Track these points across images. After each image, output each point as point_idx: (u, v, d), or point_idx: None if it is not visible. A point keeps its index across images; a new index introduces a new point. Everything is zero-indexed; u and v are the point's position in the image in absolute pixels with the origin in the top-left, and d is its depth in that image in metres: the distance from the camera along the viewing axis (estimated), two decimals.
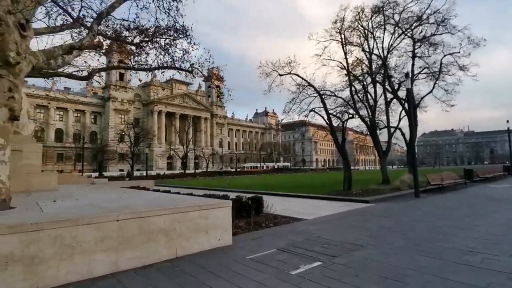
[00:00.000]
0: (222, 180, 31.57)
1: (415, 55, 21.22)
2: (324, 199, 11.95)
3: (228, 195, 8.97)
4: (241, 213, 7.43)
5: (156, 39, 13.40)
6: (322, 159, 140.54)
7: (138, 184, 16.37)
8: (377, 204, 10.22)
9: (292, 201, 12.01)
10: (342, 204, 10.33)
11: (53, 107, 71.39)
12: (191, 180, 35.37)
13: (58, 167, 68.64)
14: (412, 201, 10.93)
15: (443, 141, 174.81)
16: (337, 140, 14.78)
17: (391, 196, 12.00)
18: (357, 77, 19.16)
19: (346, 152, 14.72)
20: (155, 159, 79.48)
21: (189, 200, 5.88)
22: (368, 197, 11.25)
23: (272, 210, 8.40)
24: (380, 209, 9.11)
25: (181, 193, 10.61)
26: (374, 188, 13.89)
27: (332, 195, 12.40)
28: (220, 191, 17.21)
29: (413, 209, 9.04)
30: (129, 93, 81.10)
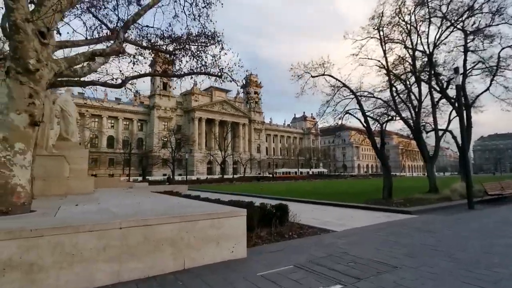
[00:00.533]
0: (257, 185, 31.30)
1: (467, 49, 19.11)
2: (360, 208, 10.99)
3: (254, 201, 8.56)
4: (264, 222, 6.99)
5: (188, 46, 13.68)
6: (364, 165, 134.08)
7: (172, 188, 16.72)
8: (420, 216, 9.07)
9: (325, 209, 11.23)
10: (380, 215, 9.35)
11: (106, 116, 77.67)
12: (227, 185, 35.67)
13: (109, 171, 74.47)
14: (464, 213, 9.53)
15: (504, 145, 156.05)
16: (376, 145, 13.66)
17: (439, 207, 10.64)
18: (398, 77, 17.70)
19: (385, 157, 13.53)
20: (195, 164, 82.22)
21: (206, 207, 5.60)
22: (411, 208, 10.07)
23: (301, 219, 7.82)
24: (424, 222, 8.02)
25: (210, 198, 10.50)
26: (418, 197, 12.51)
27: (370, 204, 11.36)
28: (250, 197, 16.98)
29: (464, 223, 7.80)
30: (171, 101, 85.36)
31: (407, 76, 18.70)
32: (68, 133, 19.12)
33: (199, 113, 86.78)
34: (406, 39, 18.35)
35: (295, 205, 12.78)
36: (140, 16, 8.23)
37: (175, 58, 13.68)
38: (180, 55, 13.85)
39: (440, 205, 10.80)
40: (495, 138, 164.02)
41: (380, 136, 13.44)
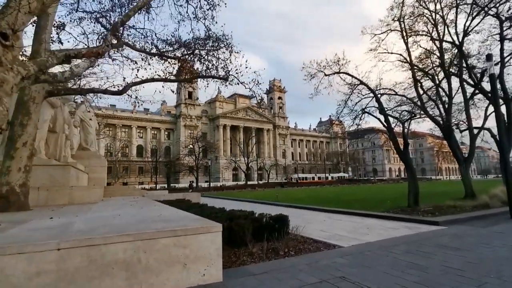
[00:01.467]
0: (276, 191, 30.24)
1: (503, 37, 17.08)
2: (379, 217, 9.77)
3: (263, 210, 7.81)
4: (260, 236, 6.20)
5: (198, 51, 13.37)
6: (396, 169, 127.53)
7: (184, 197, 16.34)
8: (449, 227, 7.75)
9: (340, 219, 10.15)
10: (400, 226, 8.15)
11: (135, 126, 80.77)
12: (248, 191, 35.01)
13: (139, 179, 77.07)
14: (505, 224, 8.03)
15: None
16: (398, 146, 12.30)
17: (474, 216, 9.14)
18: (425, 71, 16.12)
19: (409, 159, 12.11)
20: (221, 171, 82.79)
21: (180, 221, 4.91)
22: (439, 217, 8.72)
23: (307, 231, 6.94)
24: (452, 235, 6.75)
25: (214, 207, 9.93)
26: (450, 204, 10.97)
27: (391, 213, 10.10)
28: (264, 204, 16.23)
29: (503, 237, 6.43)
30: (197, 110, 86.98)
31: (435, 71, 17.04)
32: (87, 142, 19.58)
33: (224, 120, 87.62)
34: (432, 30, 16.78)
35: (308, 213, 11.87)
36: (129, 18, 7.91)
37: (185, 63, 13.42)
38: (190, 60, 13.58)
39: (476, 214, 9.29)
40: None
41: (402, 136, 12.07)
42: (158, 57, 12.86)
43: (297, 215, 11.62)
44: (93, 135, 19.86)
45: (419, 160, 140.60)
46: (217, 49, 13.59)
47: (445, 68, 15.37)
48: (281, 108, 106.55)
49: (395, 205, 12.26)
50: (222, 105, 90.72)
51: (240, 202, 19.81)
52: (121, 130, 78.62)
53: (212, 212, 7.38)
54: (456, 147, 14.59)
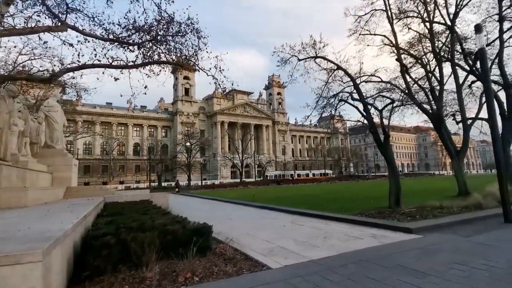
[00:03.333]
0: (253, 191, 28.59)
1: (502, 17, 15.42)
2: (349, 222, 8.29)
3: (214, 213, 6.40)
4: (175, 252, 4.83)
5: (160, 37, 12.01)
6: (399, 164, 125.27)
7: (151, 197, 14.95)
8: (425, 236, 6.26)
9: (303, 223, 8.71)
10: (366, 234, 6.67)
11: (131, 124, 79.73)
12: (237, 189, 33.59)
13: (136, 178, 76.20)
14: (496, 231, 6.50)
15: None
16: (379, 138, 10.77)
17: (459, 220, 7.61)
18: (415, 56, 14.52)
19: (391, 154, 10.58)
20: (219, 168, 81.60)
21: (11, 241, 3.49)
22: (417, 222, 7.23)
23: (250, 241, 5.59)
24: (423, 250, 5.27)
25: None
26: (436, 204, 9.44)
27: (365, 216, 8.61)
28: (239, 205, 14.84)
29: (487, 253, 4.93)
30: (194, 107, 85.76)
31: (427, 58, 15.43)
32: (52, 140, 18.26)
33: (221, 117, 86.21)
34: (423, 11, 15.13)
35: (272, 216, 10.52)
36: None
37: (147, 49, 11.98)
38: (156, 47, 12.16)
39: (462, 218, 7.76)
40: None
41: (381, 126, 10.51)
42: (114, 43, 11.44)
43: (258, 218, 10.26)
44: (60, 132, 18.54)
45: (422, 155, 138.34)
46: (184, 35, 12.24)
47: (436, 52, 13.75)
48: (280, 103, 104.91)
49: (377, 205, 10.77)
50: (219, 101, 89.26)
51: (216, 202, 18.48)
52: (117, 128, 77.61)
53: (124, 224, 5.92)
54: (447, 138, 13.00)
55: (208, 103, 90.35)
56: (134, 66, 10.73)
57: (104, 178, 69.36)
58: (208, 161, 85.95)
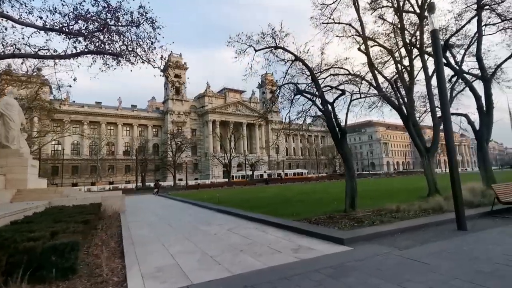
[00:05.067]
0: (217, 192, 27.02)
1: (481, 6, 14.50)
2: (286, 228, 7.34)
3: None
4: (39, 274, 3.86)
5: (113, 27, 11.05)
6: (394, 162, 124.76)
7: (104, 200, 13.96)
8: (357, 248, 5.32)
9: (239, 231, 7.74)
10: (292, 246, 5.73)
11: (121, 123, 78.42)
12: (221, 190, 32.58)
13: (126, 178, 74.86)
14: (446, 241, 5.53)
15: None
16: (336, 134, 9.82)
17: (408, 227, 6.64)
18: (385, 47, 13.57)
19: (347, 152, 9.63)
20: (211, 168, 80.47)
21: None
22: (355, 230, 6.27)
23: (150, 257, 4.63)
24: (345, 265, 4.34)
25: None
26: (393, 208, 8.50)
27: (307, 222, 7.65)
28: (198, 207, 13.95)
29: (416, 271, 3.98)
30: (185, 106, 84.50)
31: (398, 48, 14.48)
32: (8, 139, 17.20)
33: (213, 116, 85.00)
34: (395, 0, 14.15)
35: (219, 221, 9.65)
36: None
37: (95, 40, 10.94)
38: (107, 38, 11.14)
39: (412, 224, 6.80)
40: None
41: (334, 121, 9.52)
42: (57, 32, 10.39)
43: (201, 223, 9.31)
44: (17, 131, 17.46)
45: (416, 153, 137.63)
46: (138, 25, 11.26)
47: (406, 43, 12.82)
48: (274, 102, 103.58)
49: (336, 208, 9.80)
50: (211, 100, 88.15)
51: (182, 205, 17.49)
52: (107, 128, 76.26)
53: None
54: (415, 134, 12.05)
55: (200, 101, 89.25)
56: (64, 56, 9.69)
57: (93, 179, 68.20)
58: (199, 160, 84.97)
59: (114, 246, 6.66)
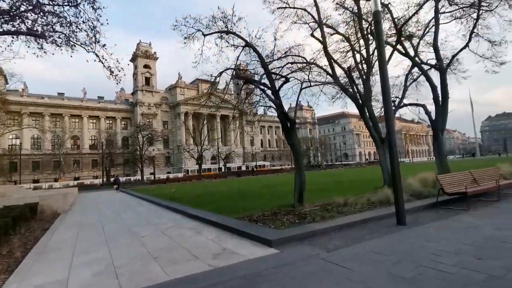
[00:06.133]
0: (171, 188, 26.06)
1: None
2: (223, 228, 6.72)
3: None
4: None
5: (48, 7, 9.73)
6: (366, 152, 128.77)
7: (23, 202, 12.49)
8: (285, 250, 4.80)
9: (179, 228, 7.04)
10: (217, 249, 5.13)
11: (86, 116, 74.24)
12: (188, 184, 31.56)
13: (93, 173, 71.19)
14: (376, 240, 5.13)
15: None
16: (286, 124, 9.27)
17: (354, 222, 6.24)
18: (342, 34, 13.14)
19: (296, 143, 9.12)
20: (183, 161, 78.57)
21: None
22: (300, 227, 5.77)
23: None
24: (260, 274, 3.78)
25: None
26: (340, 202, 8.14)
27: (248, 219, 7.08)
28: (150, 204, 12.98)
29: (334, 278, 3.48)
30: (155, 97, 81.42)
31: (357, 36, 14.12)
32: None
33: (185, 108, 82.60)
34: None
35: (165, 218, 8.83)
36: None
37: None
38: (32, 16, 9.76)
39: (356, 219, 6.41)
40: (503, 118, 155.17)
41: (281, 110, 8.96)
42: None
43: (139, 223, 8.46)
44: None
45: None
46: (76, 5, 9.97)
47: (363, 30, 12.47)
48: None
49: (288, 202, 9.31)
50: (183, 91, 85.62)
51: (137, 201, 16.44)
52: (70, 120, 71.86)
53: None
54: (372, 124, 11.82)
55: (171, 93, 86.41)
56: None
57: (56, 175, 64.31)
58: (172, 154, 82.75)
59: (18, 256, 5.73)
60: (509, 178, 11.54)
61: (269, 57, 10.93)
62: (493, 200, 8.06)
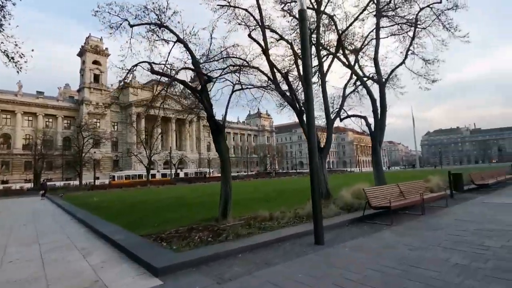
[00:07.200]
0: (94, 195, 24.07)
1: (379, 11, 14.94)
2: (119, 248, 5.61)
3: None
4: None
5: None
6: None
7: None
8: (171, 284, 3.87)
9: (72, 250, 5.73)
10: (86, 283, 4.01)
11: (20, 112, 66.51)
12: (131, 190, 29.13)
13: (26, 176, 63.26)
14: (284, 266, 4.43)
15: (448, 140, 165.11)
16: (215, 131, 8.45)
17: (269, 241, 5.56)
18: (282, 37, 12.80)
19: (224, 150, 8.35)
20: (133, 165, 73.82)
21: None
22: (205, 249, 4.90)
23: None
24: None
25: None
26: (266, 215, 7.47)
27: (156, 236, 6.05)
28: None
29: None
30: (105, 96, 75.71)
31: None
32: None
33: (138, 109, 78.11)
34: None
35: (67, 234, 7.37)
36: None
37: None
38: None
39: (273, 237, 5.74)
40: (439, 133, 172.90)
41: (224, 115, 8.17)
42: None
43: (28, 239, 6.88)
44: None
45: (341, 153, 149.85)
46: None
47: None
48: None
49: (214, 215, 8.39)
50: (136, 91, 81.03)
51: (53, 211, 14.30)
52: (0, 116, 63.66)
53: None
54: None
55: (123, 93, 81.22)
56: None
57: None
58: (121, 157, 77.51)
59: None
60: (436, 190, 12.01)
61: (204, 56, 10.11)
62: (417, 214, 8.02)
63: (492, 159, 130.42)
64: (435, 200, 9.36)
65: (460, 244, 5.02)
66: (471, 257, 4.31)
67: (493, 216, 7.43)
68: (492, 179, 14.33)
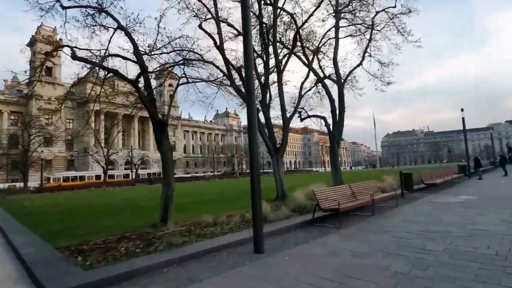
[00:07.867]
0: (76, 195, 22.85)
1: (338, 12, 15.00)
2: (25, 267, 4.69)
3: None
4: None
5: None
6: (288, 161, 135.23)
7: None
8: None
9: None
10: None
11: None
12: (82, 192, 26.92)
13: None
14: (218, 279, 3.87)
15: (405, 141, 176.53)
16: (158, 129, 7.68)
17: (207, 249, 4.98)
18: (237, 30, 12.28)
19: (167, 149, 7.62)
20: (90, 165, 69.14)
21: None
22: (114, 266, 4.17)
23: None
24: None
25: None
26: (210, 221, 6.87)
27: (75, 249, 5.20)
28: None
29: None
30: (58, 91, 69.99)
31: None
32: None
33: (97, 106, 73.10)
34: None
35: None
36: None
37: None
38: None
39: (212, 245, 5.16)
40: (397, 135, 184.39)
41: (168, 111, 7.42)
42: None
43: None
44: None
45: (307, 153, 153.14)
46: None
47: (262, 33, 11.86)
48: (172, 96, 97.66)
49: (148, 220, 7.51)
50: (95, 87, 75.47)
51: None
52: None
53: None
54: (266, 135, 11.14)
55: (80, 88, 75.58)
56: None
57: None
58: (76, 157, 72.38)
59: None
60: (389, 190, 12.20)
61: (150, 46, 9.27)
62: (367, 215, 7.90)
63: (443, 159, 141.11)
64: (385, 200, 9.38)
65: (403, 248, 4.80)
66: (412, 263, 4.07)
67: (438, 216, 7.49)
68: (440, 179, 14.99)
